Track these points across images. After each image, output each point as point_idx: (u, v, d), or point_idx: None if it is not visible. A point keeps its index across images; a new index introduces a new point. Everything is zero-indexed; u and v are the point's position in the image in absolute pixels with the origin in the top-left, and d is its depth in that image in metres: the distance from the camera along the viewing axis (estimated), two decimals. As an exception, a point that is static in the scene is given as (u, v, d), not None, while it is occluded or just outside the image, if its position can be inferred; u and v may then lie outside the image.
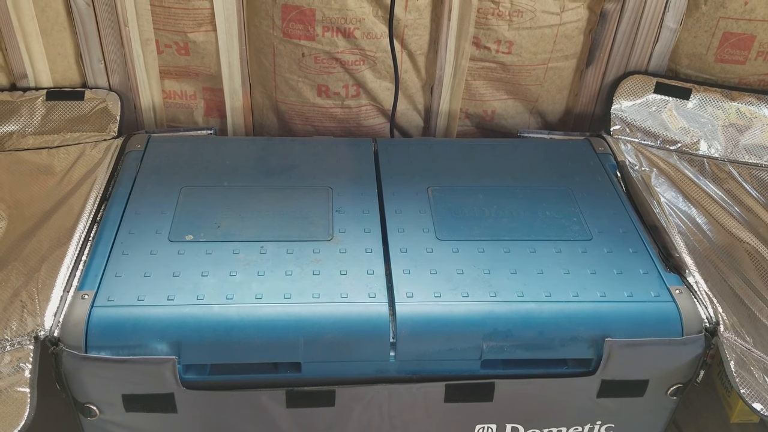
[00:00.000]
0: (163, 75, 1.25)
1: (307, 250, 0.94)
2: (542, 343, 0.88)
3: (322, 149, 1.16)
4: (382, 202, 1.04)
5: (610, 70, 1.27)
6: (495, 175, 1.11)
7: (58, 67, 1.21)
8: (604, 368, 0.89)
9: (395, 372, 0.89)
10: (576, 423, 0.96)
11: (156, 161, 1.11)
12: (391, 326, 0.86)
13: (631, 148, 1.21)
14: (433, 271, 0.92)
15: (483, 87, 1.29)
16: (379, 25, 1.19)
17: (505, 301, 0.89)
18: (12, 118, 1.18)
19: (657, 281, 0.93)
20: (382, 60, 1.23)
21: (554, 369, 0.91)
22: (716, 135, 1.22)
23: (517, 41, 1.22)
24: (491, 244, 0.97)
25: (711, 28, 1.21)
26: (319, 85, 1.25)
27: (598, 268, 0.94)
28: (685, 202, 1.11)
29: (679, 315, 0.89)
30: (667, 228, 1.03)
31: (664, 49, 1.25)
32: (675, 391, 0.93)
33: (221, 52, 1.22)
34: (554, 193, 1.07)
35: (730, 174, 1.18)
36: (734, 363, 0.86)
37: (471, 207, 1.04)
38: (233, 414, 0.90)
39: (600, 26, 1.23)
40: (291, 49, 1.21)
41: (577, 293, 0.90)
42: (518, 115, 1.33)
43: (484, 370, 0.90)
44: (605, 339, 0.87)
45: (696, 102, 1.24)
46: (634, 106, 1.25)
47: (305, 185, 1.07)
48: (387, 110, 1.30)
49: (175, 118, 1.31)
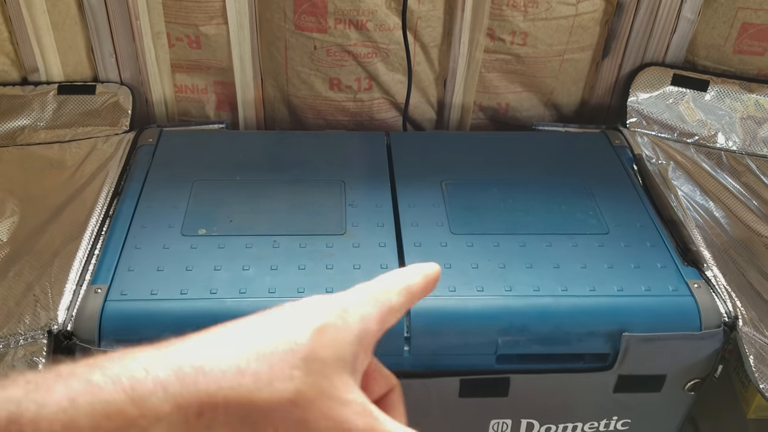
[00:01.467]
0: (174, 69, 1.25)
1: (320, 244, 0.94)
2: (558, 337, 0.87)
3: (335, 143, 1.15)
4: (395, 196, 1.04)
5: (627, 61, 1.25)
6: (509, 169, 1.10)
7: (70, 61, 1.21)
8: (621, 363, 0.88)
9: (409, 367, 0.88)
10: (592, 418, 0.95)
11: (168, 155, 1.11)
12: (405, 321, 0.86)
13: (648, 141, 1.19)
14: (448, 265, 0.91)
15: (497, 79, 1.28)
16: (391, 16, 1.17)
17: (521, 296, 0.88)
18: (23, 113, 1.17)
19: (675, 275, 0.91)
20: (394, 52, 1.21)
21: (570, 364, 0.90)
22: (734, 127, 1.21)
23: (532, 33, 1.20)
24: (506, 238, 0.96)
25: (729, 18, 1.19)
26: (331, 78, 1.24)
27: (615, 262, 0.93)
28: (702, 196, 1.09)
29: (698, 309, 0.88)
30: (685, 222, 1.01)
31: (681, 40, 1.23)
32: (692, 386, 0.92)
33: (233, 45, 1.21)
34: (570, 187, 1.06)
35: (748, 167, 1.16)
36: (753, 358, 0.85)
37: (485, 201, 1.03)
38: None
39: (616, 17, 1.21)
40: (303, 42, 1.20)
41: (594, 287, 0.89)
42: (533, 107, 1.32)
43: (499, 365, 0.89)
44: (622, 334, 0.86)
45: (714, 94, 1.22)
46: (650, 99, 1.23)
47: (318, 179, 1.06)
48: (400, 103, 1.29)
49: (186, 112, 1.31)
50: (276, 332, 0.31)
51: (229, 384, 0.28)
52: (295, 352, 0.30)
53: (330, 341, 0.31)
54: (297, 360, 0.29)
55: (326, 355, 0.30)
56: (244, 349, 0.30)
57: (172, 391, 0.27)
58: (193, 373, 0.28)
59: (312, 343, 0.30)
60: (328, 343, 0.31)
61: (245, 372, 0.28)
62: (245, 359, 0.29)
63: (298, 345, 0.30)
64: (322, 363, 0.30)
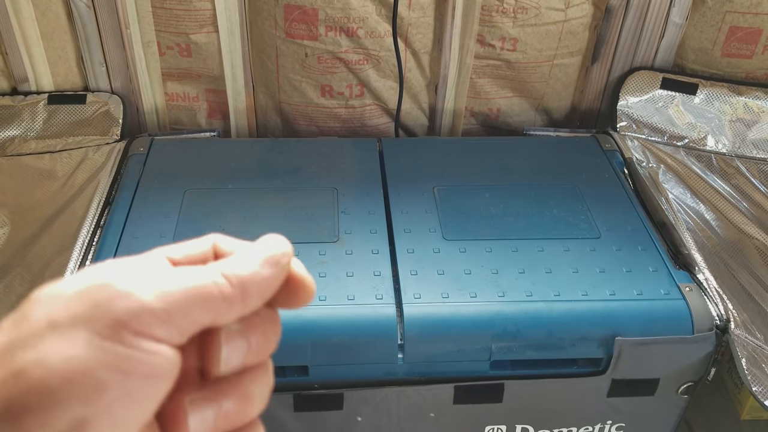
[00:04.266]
0: (165, 77, 1.25)
1: (313, 251, 0.94)
2: (552, 342, 0.87)
3: (327, 150, 1.15)
4: (387, 203, 1.04)
5: (616, 66, 1.26)
6: (501, 174, 1.10)
7: (60, 71, 1.20)
8: (615, 367, 0.88)
9: (404, 374, 0.88)
10: (586, 423, 0.95)
11: (159, 164, 1.11)
12: (398, 328, 0.86)
13: (638, 145, 1.20)
14: (441, 271, 0.91)
15: (488, 85, 1.28)
16: (382, 23, 1.18)
17: (514, 301, 0.88)
18: (13, 123, 1.17)
19: (666, 279, 0.92)
20: (386, 59, 1.22)
21: (564, 369, 0.90)
22: (723, 130, 1.22)
23: (522, 38, 1.21)
24: (499, 244, 0.96)
25: (717, 22, 1.20)
26: (322, 85, 1.24)
27: (607, 266, 0.93)
28: (693, 199, 1.10)
29: (690, 313, 0.88)
30: (676, 225, 1.02)
31: (670, 45, 1.24)
32: (686, 389, 0.92)
33: (224, 53, 1.21)
34: (561, 191, 1.06)
35: (738, 169, 1.17)
36: (746, 360, 0.85)
37: (477, 206, 1.03)
38: (241, 418, 0.89)
39: (605, 22, 1.22)
40: (294, 50, 1.20)
41: (586, 292, 0.89)
42: (524, 112, 1.32)
43: (493, 371, 0.89)
44: (615, 338, 0.86)
45: (703, 97, 1.23)
46: (640, 102, 1.24)
47: (310, 186, 1.06)
48: (391, 110, 1.29)
49: (178, 121, 1.31)
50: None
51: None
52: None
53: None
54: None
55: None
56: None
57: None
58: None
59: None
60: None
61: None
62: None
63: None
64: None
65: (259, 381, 0.27)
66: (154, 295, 0.24)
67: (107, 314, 0.24)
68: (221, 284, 0.26)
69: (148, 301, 0.24)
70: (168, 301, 0.24)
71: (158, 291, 0.25)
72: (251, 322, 0.27)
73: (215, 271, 0.26)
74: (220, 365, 0.26)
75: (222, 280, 0.26)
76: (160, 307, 0.24)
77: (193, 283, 0.25)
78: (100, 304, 0.24)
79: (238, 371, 0.27)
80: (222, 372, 0.26)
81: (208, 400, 0.26)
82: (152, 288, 0.25)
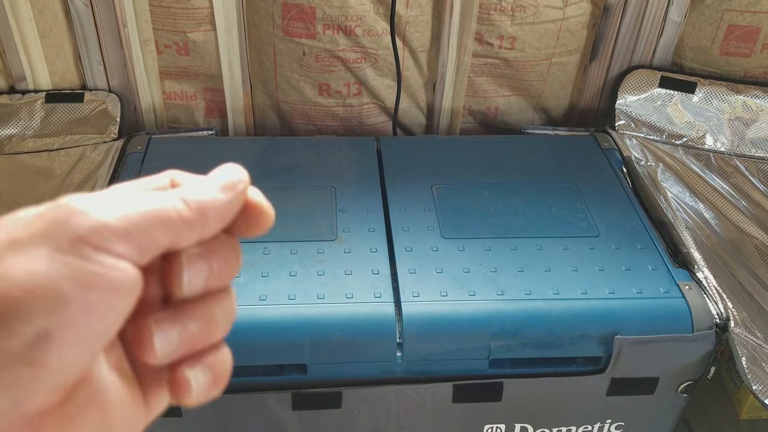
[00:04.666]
0: (163, 76, 1.24)
1: (312, 250, 0.93)
2: (551, 341, 0.87)
3: (325, 148, 1.15)
4: (386, 201, 1.03)
5: (614, 64, 1.26)
6: (500, 172, 1.10)
7: (57, 69, 1.20)
8: (614, 366, 0.88)
9: (402, 372, 0.88)
10: (585, 422, 0.95)
11: (157, 163, 1.10)
12: (397, 326, 0.85)
13: (637, 143, 1.20)
14: (439, 269, 0.91)
15: (486, 83, 1.28)
16: (380, 22, 1.17)
17: (513, 300, 0.87)
18: (11, 121, 1.17)
19: (666, 277, 0.92)
20: (383, 57, 1.21)
21: (563, 367, 0.90)
22: (722, 129, 1.21)
23: (520, 37, 1.21)
24: (497, 242, 0.96)
25: (716, 20, 1.20)
26: (320, 83, 1.24)
27: (606, 264, 0.93)
28: (692, 197, 1.10)
29: (689, 311, 0.88)
30: (675, 223, 1.02)
31: (668, 43, 1.24)
32: (685, 388, 0.92)
33: (221, 51, 1.21)
34: (560, 190, 1.06)
35: (737, 168, 1.17)
36: (745, 359, 0.85)
37: (476, 204, 1.03)
38: (239, 417, 0.89)
39: (603, 20, 1.22)
40: (292, 48, 1.20)
41: (585, 290, 0.89)
42: (522, 111, 1.32)
43: (492, 370, 0.89)
44: (614, 336, 0.86)
45: (701, 96, 1.23)
46: (638, 101, 1.24)
47: (308, 185, 1.06)
48: (389, 108, 1.28)
49: (175, 119, 1.30)
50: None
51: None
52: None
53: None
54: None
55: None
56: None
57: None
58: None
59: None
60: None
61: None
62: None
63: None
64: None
65: (222, 305, 0.28)
66: (114, 215, 0.25)
67: (67, 230, 0.24)
68: (180, 208, 0.26)
69: (108, 219, 0.24)
70: (128, 221, 0.25)
71: (118, 211, 0.25)
72: (211, 246, 0.28)
73: (174, 196, 0.27)
74: (183, 287, 0.27)
75: (181, 204, 0.26)
76: (121, 225, 0.25)
77: (152, 206, 0.26)
78: (60, 221, 0.24)
79: (201, 295, 0.27)
80: (185, 294, 0.27)
81: (173, 320, 0.26)
82: (112, 209, 0.25)
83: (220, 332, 0.28)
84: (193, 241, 0.27)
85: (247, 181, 0.30)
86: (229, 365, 0.29)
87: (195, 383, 0.27)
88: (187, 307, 0.27)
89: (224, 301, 0.28)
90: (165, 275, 0.27)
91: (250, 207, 0.30)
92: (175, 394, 0.27)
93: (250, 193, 0.30)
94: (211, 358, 0.28)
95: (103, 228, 0.24)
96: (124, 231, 0.24)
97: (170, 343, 0.26)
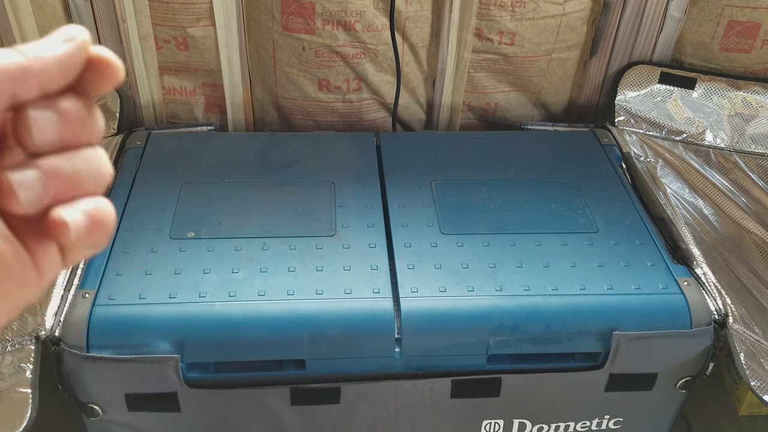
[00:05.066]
0: (162, 71, 1.24)
1: (310, 246, 0.93)
2: (549, 337, 0.87)
3: (324, 144, 1.15)
4: (385, 197, 1.03)
5: (614, 60, 1.25)
6: (499, 168, 1.10)
7: (56, 64, 1.20)
8: (612, 362, 0.88)
9: (401, 368, 0.88)
10: (584, 417, 0.95)
11: (156, 158, 1.10)
12: (396, 322, 0.86)
13: (636, 139, 1.20)
14: (438, 265, 0.91)
15: (486, 79, 1.28)
16: (379, 17, 1.17)
17: (512, 295, 0.88)
18: (10, 117, 1.16)
19: (665, 273, 0.92)
20: (383, 53, 1.21)
21: (561, 363, 0.90)
22: (722, 125, 1.21)
23: (520, 32, 1.20)
24: (496, 238, 0.96)
25: (716, 16, 1.20)
26: (320, 79, 1.24)
27: (604, 260, 0.93)
28: (691, 193, 1.10)
29: (688, 307, 0.88)
30: (674, 219, 1.02)
31: (668, 39, 1.23)
32: (684, 384, 0.92)
33: (221, 47, 1.21)
34: (559, 186, 1.06)
35: (737, 164, 1.17)
36: (744, 355, 0.85)
37: (475, 200, 1.03)
38: (237, 412, 0.89)
39: (603, 16, 1.21)
40: (291, 43, 1.19)
41: (584, 286, 0.89)
42: (521, 107, 1.32)
43: (490, 365, 0.89)
44: (613, 332, 0.86)
45: (701, 92, 1.23)
46: (638, 97, 1.23)
47: (307, 180, 1.06)
48: (389, 104, 1.28)
49: (175, 115, 1.30)
50: None
51: None
52: None
53: None
54: None
55: None
56: None
57: None
58: None
59: None
60: None
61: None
62: None
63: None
64: None
65: (88, 159, 0.29)
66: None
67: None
68: (17, 58, 0.27)
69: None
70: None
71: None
72: (61, 100, 0.28)
73: (13, 50, 0.27)
74: (32, 133, 0.27)
75: (18, 55, 0.27)
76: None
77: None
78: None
79: (60, 148, 0.28)
80: (35, 140, 0.27)
81: (31, 167, 0.27)
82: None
83: (88, 184, 0.29)
84: (36, 90, 0.27)
85: (87, 36, 0.30)
86: (109, 214, 0.29)
87: (71, 220, 0.28)
88: (46, 157, 0.28)
89: (89, 157, 0.29)
90: (15, 127, 0.28)
91: (95, 60, 0.30)
92: (54, 235, 0.28)
93: (96, 49, 0.30)
94: (84, 202, 0.28)
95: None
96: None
97: (33, 189, 0.27)
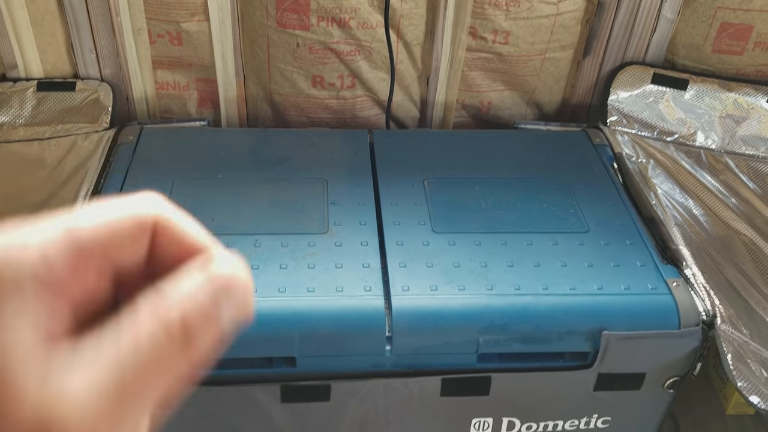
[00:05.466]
0: (155, 65, 1.24)
1: (302, 243, 0.93)
2: (539, 336, 0.87)
3: (317, 141, 1.15)
4: (377, 195, 1.04)
5: (607, 60, 1.26)
6: (491, 167, 1.11)
7: (49, 58, 1.19)
8: (601, 361, 0.89)
9: (391, 366, 0.88)
10: (572, 416, 0.96)
11: (149, 153, 1.10)
12: (387, 320, 0.86)
13: (628, 140, 1.20)
14: (430, 264, 0.91)
15: (479, 78, 1.28)
16: (374, 14, 1.17)
17: (502, 294, 0.88)
18: (2, 110, 1.16)
19: (654, 273, 0.92)
20: (377, 50, 1.21)
21: (551, 362, 0.91)
22: (713, 126, 1.22)
23: (514, 31, 1.21)
24: (488, 237, 0.96)
25: (708, 18, 1.20)
26: (314, 75, 1.24)
27: (595, 260, 0.93)
28: (682, 194, 1.10)
29: (676, 308, 0.88)
30: (664, 220, 1.02)
31: (661, 40, 1.24)
32: (672, 384, 0.93)
33: (214, 42, 1.20)
34: (551, 185, 1.07)
35: (727, 165, 1.17)
36: (731, 356, 0.86)
37: (467, 199, 1.03)
38: (227, 409, 0.89)
39: (597, 16, 1.22)
40: (285, 39, 1.19)
41: (574, 286, 0.89)
42: (515, 106, 1.32)
43: (480, 364, 0.89)
44: (602, 332, 0.87)
45: (693, 93, 1.23)
46: (631, 97, 1.24)
47: (300, 177, 1.06)
48: (382, 101, 1.28)
49: (168, 110, 1.30)
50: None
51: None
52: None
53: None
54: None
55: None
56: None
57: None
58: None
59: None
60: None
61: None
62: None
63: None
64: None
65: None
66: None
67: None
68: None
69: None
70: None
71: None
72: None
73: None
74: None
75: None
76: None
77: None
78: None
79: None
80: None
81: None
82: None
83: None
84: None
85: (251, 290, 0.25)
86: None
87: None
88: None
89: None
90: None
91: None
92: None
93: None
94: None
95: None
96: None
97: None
